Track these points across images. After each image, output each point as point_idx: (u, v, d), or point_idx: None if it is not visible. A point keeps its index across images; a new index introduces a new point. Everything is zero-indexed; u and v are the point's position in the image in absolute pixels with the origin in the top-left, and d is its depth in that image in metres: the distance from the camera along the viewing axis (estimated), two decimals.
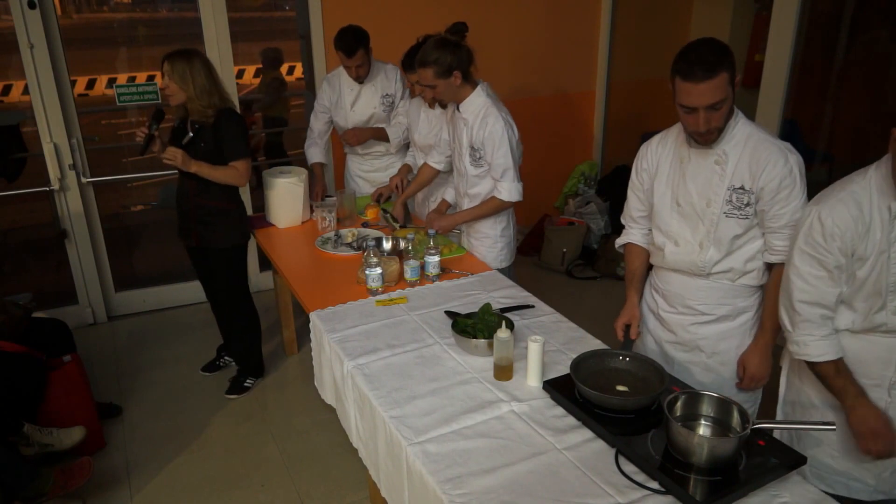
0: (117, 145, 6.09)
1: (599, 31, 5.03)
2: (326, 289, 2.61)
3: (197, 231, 3.10)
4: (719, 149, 1.88)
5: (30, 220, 5.09)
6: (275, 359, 3.71)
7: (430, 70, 2.60)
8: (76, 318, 4.06)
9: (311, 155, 3.70)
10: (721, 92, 1.74)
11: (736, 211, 1.89)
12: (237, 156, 2.96)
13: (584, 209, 5.05)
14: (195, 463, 2.93)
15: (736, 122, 1.88)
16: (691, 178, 1.94)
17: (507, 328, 1.97)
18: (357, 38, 3.31)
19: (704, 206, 1.93)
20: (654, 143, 2.08)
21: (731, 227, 1.91)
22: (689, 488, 1.48)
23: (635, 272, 2.23)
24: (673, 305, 2.13)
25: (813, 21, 4.03)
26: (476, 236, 2.94)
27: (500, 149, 2.67)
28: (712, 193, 1.91)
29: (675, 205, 2.00)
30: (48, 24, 3.58)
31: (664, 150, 2.03)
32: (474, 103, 2.71)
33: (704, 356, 2.10)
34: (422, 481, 1.64)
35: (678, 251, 2.03)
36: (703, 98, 1.75)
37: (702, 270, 2.00)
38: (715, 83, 1.72)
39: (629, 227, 2.26)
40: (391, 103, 3.57)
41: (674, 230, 2.02)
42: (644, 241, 2.21)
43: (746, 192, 1.86)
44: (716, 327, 2.06)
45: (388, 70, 3.54)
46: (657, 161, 2.05)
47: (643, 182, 2.11)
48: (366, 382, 2.00)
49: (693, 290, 2.05)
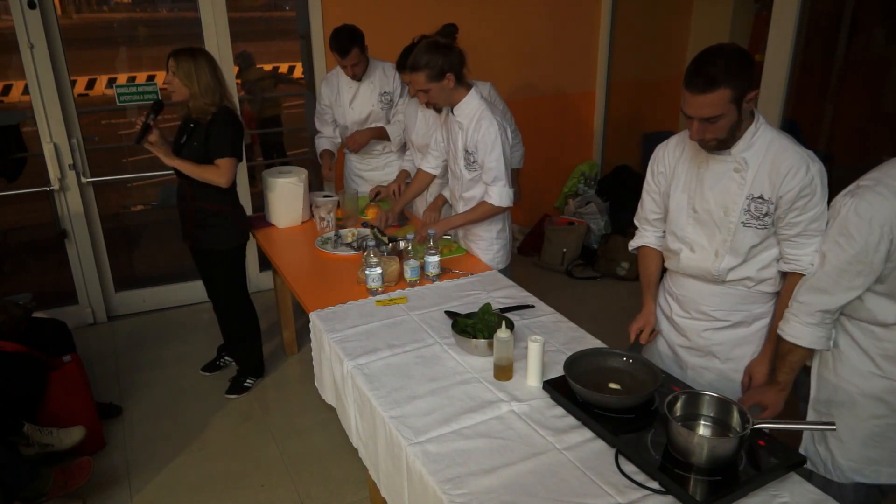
0: (117, 145, 6.10)
1: (599, 31, 5.02)
2: (326, 289, 2.61)
3: (194, 233, 3.10)
4: (739, 156, 1.82)
5: (30, 220, 5.09)
6: (275, 359, 3.71)
7: (422, 74, 2.55)
8: (76, 318, 4.06)
9: (320, 144, 3.74)
10: (718, 108, 1.70)
11: (754, 221, 1.84)
12: (220, 154, 2.93)
13: (584, 209, 5.05)
14: (195, 463, 2.93)
15: (757, 129, 1.81)
16: (709, 186, 1.89)
17: (507, 328, 1.97)
18: (351, 37, 3.31)
19: (722, 215, 1.88)
20: (672, 145, 2.02)
21: (749, 237, 1.87)
22: (689, 488, 1.48)
23: (651, 277, 2.18)
24: (687, 310, 2.09)
25: (813, 21, 4.02)
26: (472, 239, 2.93)
27: (492, 153, 2.63)
28: (731, 202, 1.86)
29: (691, 211, 1.96)
30: (48, 24, 3.58)
31: (682, 154, 1.97)
32: (469, 106, 2.67)
33: (718, 362, 2.07)
34: (422, 481, 1.64)
35: (693, 257, 1.99)
36: (698, 110, 1.72)
37: (717, 278, 1.96)
38: (712, 98, 1.69)
39: (643, 229, 2.19)
40: (389, 101, 3.57)
41: (690, 236, 1.98)
42: (658, 244, 2.16)
43: (766, 202, 1.81)
44: (731, 333, 2.03)
45: (386, 67, 3.54)
46: (674, 164, 2.00)
47: (659, 185, 2.06)
48: (366, 382, 2.00)
49: (708, 296, 2.02)
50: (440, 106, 2.75)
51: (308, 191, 3.40)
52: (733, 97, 1.69)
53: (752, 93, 1.74)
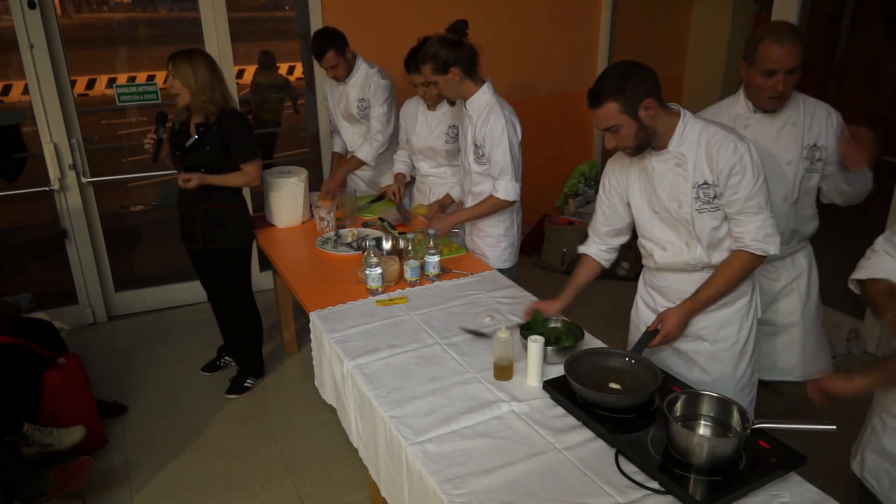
0: (117, 145, 6.10)
1: (599, 31, 5.03)
2: (326, 289, 2.61)
3: (205, 235, 3.08)
4: (676, 151, 1.94)
5: (30, 220, 5.09)
6: (275, 359, 3.71)
7: (428, 66, 2.68)
8: (76, 318, 4.06)
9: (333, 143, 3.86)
10: (610, 119, 1.87)
11: (706, 206, 1.94)
12: (246, 157, 2.97)
13: (584, 209, 5.06)
14: (195, 463, 2.93)
15: (685, 124, 1.93)
16: (659, 185, 2.00)
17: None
18: (329, 40, 3.32)
19: (677, 208, 1.98)
20: (617, 158, 2.14)
21: (707, 222, 1.96)
22: (689, 488, 1.48)
23: (578, 276, 2.28)
24: (671, 300, 2.14)
25: (813, 21, 4.03)
26: (479, 235, 2.95)
27: (499, 147, 2.68)
28: (681, 195, 1.96)
29: (652, 213, 2.06)
30: (48, 24, 3.58)
31: (630, 164, 2.08)
32: (480, 100, 2.74)
33: (707, 344, 2.13)
34: (422, 481, 1.64)
35: (667, 254, 2.07)
36: (596, 122, 1.93)
37: (694, 267, 2.05)
38: (603, 111, 1.87)
39: (592, 239, 2.29)
40: (366, 107, 3.55)
41: (658, 236, 2.08)
42: (600, 257, 2.26)
43: (711, 186, 1.92)
44: (715, 315, 2.09)
45: (369, 73, 3.50)
46: (626, 176, 2.10)
47: (611, 198, 2.17)
48: (366, 382, 2.00)
49: (689, 284, 2.07)
50: (452, 99, 2.86)
51: (308, 191, 3.40)
52: (622, 109, 1.85)
53: (645, 101, 1.84)
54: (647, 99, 1.85)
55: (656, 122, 1.90)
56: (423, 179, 3.38)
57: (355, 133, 3.70)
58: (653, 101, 1.86)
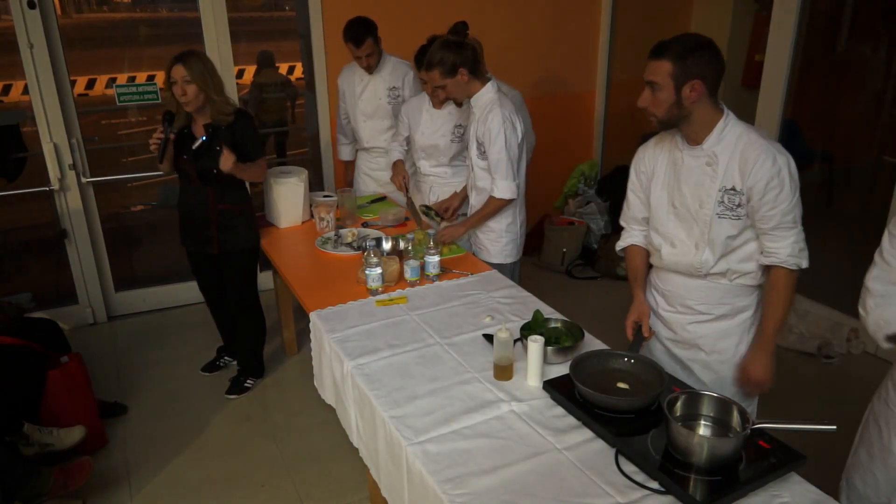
0: (117, 145, 6.09)
1: (599, 31, 5.03)
2: (326, 289, 2.61)
3: (219, 237, 3.06)
4: (710, 150, 1.89)
5: (30, 220, 5.09)
6: (275, 359, 3.71)
7: (437, 71, 2.70)
8: (76, 318, 4.06)
9: (342, 153, 3.91)
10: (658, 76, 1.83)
11: (728, 212, 1.90)
12: (260, 154, 3.01)
13: (584, 209, 5.05)
14: (195, 463, 2.93)
15: (726, 124, 1.88)
16: (685, 181, 1.96)
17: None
18: (366, 27, 3.35)
19: (698, 208, 1.94)
20: (651, 145, 2.10)
21: (725, 228, 1.92)
22: (689, 488, 1.48)
23: (638, 270, 2.23)
24: (672, 305, 2.13)
25: (813, 21, 4.03)
26: (482, 229, 2.97)
27: (495, 144, 2.71)
28: (704, 195, 1.92)
29: (671, 207, 2.02)
30: (48, 24, 3.58)
31: (660, 153, 2.05)
32: (483, 98, 2.77)
33: (704, 354, 2.11)
34: (422, 481, 1.64)
35: (674, 252, 2.04)
36: (646, 73, 1.88)
37: (698, 271, 2.01)
38: (657, 64, 1.83)
39: (630, 228, 2.25)
40: (398, 96, 3.59)
41: (670, 232, 2.04)
42: (645, 243, 2.21)
43: (738, 193, 1.87)
44: (714, 326, 2.07)
45: (397, 63, 3.57)
46: (654, 163, 2.07)
47: (643, 183, 2.13)
48: (366, 382, 2.00)
49: (692, 291, 2.06)
50: (460, 100, 2.87)
51: (308, 191, 3.40)
52: (673, 73, 1.80)
53: (693, 81, 1.79)
54: (697, 80, 1.79)
55: (695, 108, 1.84)
56: (423, 178, 3.37)
57: (374, 128, 3.69)
58: (701, 85, 1.80)
